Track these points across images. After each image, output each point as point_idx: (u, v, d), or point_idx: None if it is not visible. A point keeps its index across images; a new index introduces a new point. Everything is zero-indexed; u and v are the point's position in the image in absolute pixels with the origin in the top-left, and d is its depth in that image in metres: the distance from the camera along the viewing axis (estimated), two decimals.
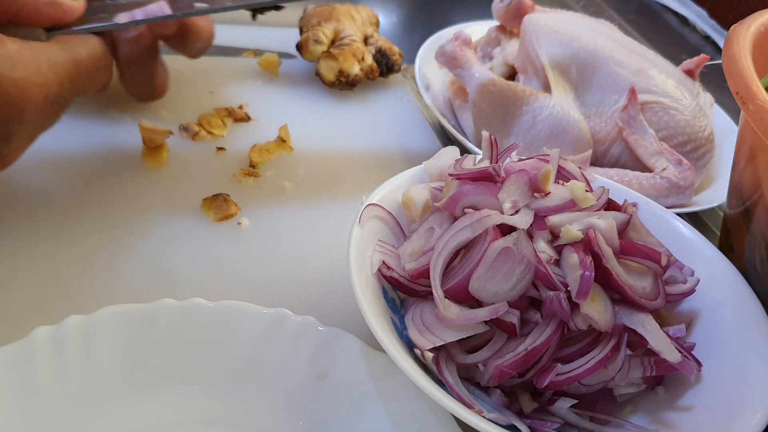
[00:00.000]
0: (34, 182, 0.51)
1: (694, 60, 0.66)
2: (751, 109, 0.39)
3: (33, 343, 0.36)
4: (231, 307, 0.40)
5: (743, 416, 0.37)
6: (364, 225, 0.41)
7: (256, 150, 0.57)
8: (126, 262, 0.46)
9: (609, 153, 0.61)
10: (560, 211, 0.39)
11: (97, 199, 0.50)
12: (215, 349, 0.40)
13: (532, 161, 0.43)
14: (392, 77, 0.72)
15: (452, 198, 0.40)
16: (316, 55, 0.66)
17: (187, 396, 0.39)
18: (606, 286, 0.38)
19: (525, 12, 0.67)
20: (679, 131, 0.60)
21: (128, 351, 0.38)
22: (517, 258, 0.37)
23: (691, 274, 0.44)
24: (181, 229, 0.50)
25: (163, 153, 0.55)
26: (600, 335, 0.39)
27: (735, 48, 0.44)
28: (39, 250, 0.46)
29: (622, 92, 0.60)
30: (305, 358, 0.40)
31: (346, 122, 0.65)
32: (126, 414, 0.37)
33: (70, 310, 0.39)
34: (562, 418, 0.39)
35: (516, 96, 0.60)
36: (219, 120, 0.60)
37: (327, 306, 0.46)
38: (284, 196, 0.55)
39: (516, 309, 0.38)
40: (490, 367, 0.37)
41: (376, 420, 0.38)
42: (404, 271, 0.40)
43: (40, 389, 0.36)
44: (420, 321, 0.39)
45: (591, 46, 0.62)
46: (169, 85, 0.56)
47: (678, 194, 0.58)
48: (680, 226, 0.48)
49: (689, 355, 0.40)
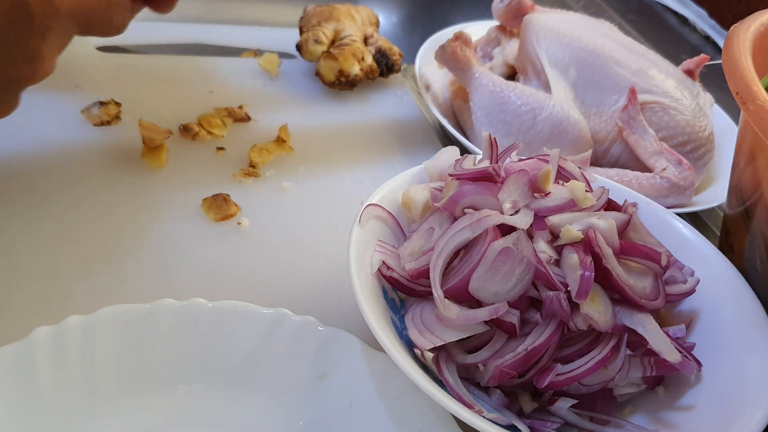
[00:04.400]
0: (34, 182, 0.51)
1: (694, 60, 0.66)
2: (751, 109, 0.39)
3: (33, 343, 0.36)
4: (231, 307, 0.40)
5: (743, 416, 0.37)
6: (364, 225, 0.41)
7: (256, 150, 0.57)
8: (126, 262, 0.46)
9: (609, 153, 0.61)
10: (560, 211, 0.39)
11: (97, 199, 0.50)
12: (215, 349, 0.40)
13: (532, 161, 0.43)
14: (392, 77, 0.72)
15: (452, 198, 0.40)
16: (316, 55, 0.66)
17: (187, 396, 0.39)
18: (606, 286, 0.38)
19: (525, 12, 0.68)
20: (679, 131, 0.60)
21: (128, 351, 0.38)
22: (517, 258, 0.37)
23: (691, 274, 0.44)
24: (181, 229, 0.50)
25: (163, 153, 0.55)
26: (600, 335, 0.39)
27: (735, 48, 0.44)
28: (39, 250, 0.46)
29: (622, 92, 0.60)
30: (305, 358, 0.40)
31: (346, 122, 0.65)
32: (126, 414, 0.37)
33: (70, 310, 0.39)
34: (562, 418, 0.39)
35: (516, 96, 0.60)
36: (219, 120, 0.60)
37: (327, 306, 0.46)
38: (284, 196, 0.55)
39: (516, 309, 0.38)
40: (490, 367, 0.37)
41: (376, 420, 0.38)
42: (404, 271, 0.40)
43: (40, 389, 0.36)
44: (420, 321, 0.39)
45: (591, 46, 0.62)
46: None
47: (678, 194, 0.58)
48: (680, 226, 0.48)
49: (689, 355, 0.40)
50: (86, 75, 0.63)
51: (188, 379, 0.39)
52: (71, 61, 0.64)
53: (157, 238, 0.49)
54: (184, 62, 0.68)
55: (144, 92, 0.63)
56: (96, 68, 0.64)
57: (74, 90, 0.61)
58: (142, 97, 0.62)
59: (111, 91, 0.61)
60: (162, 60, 0.68)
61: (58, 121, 0.57)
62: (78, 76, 0.63)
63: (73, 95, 0.60)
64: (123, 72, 0.65)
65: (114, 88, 0.62)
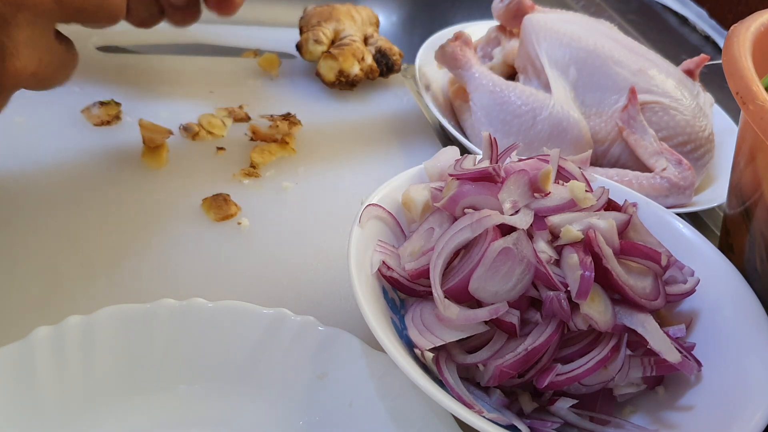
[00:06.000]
0: (35, 182, 0.51)
1: (694, 60, 0.66)
2: (751, 109, 0.39)
3: (33, 343, 0.36)
4: (231, 307, 0.40)
5: (743, 416, 0.37)
6: (364, 225, 0.41)
7: (257, 150, 0.57)
8: (126, 262, 0.46)
9: (609, 153, 0.61)
10: (560, 211, 0.39)
11: (97, 199, 0.50)
12: (215, 349, 0.40)
13: (532, 161, 0.43)
14: (392, 77, 0.72)
15: (452, 198, 0.40)
16: (316, 55, 0.66)
17: (187, 396, 0.39)
18: (606, 287, 0.38)
19: (525, 12, 0.68)
20: (679, 131, 0.60)
21: (128, 351, 0.38)
22: (517, 258, 0.37)
23: (691, 274, 0.44)
24: (181, 229, 0.50)
25: (163, 153, 0.55)
26: (600, 335, 0.39)
27: (735, 48, 0.44)
28: (39, 250, 0.46)
29: (622, 92, 0.60)
30: (305, 358, 0.40)
31: (346, 122, 0.65)
32: (126, 414, 0.37)
33: (70, 310, 0.39)
34: (562, 418, 0.39)
35: (516, 96, 0.60)
36: (219, 120, 0.60)
37: (327, 306, 0.46)
38: (284, 196, 0.55)
39: (516, 309, 0.38)
40: (490, 367, 0.37)
41: (376, 420, 0.38)
42: (404, 271, 0.40)
43: (40, 389, 0.36)
44: (420, 321, 0.39)
45: (591, 46, 0.62)
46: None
47: (678, 194, 0.58)
48: (680, 226, 0.48)
49: (689, 355, 0.40)
50: (86, 75, 0.63)
51: (188, 379, 0.39)
52: None
53: (157, 238, 0.49)
54: (184, 62, 0.68)
55: (144, 92, 0.63)
56: (96, 68, 0.64)
57: (74, 90, 0.61)
58: (142, 97, 0.62)
59: (111, 91, 0.61)
60: (162, 60, 0.68)
61: (58, 121, 0.57)
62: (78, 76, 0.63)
63: (73, 95, 0.60)
64: (123, 72, 0.65)
65: (114, 88, 0.62)
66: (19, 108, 0.58)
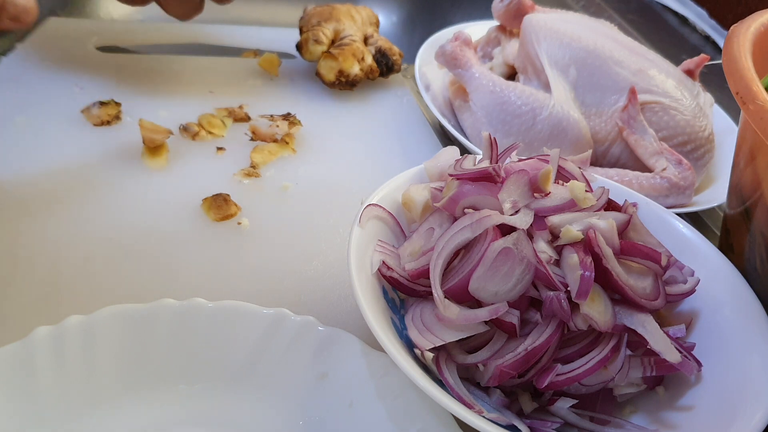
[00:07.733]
0: (35, 182, 0.51)
1: (694, 60, 0.66)
2: (751, 109, 0.39)
3: (33, 343, 0.36)
4: (231, 307, 0.40)
5: (743, 416, 0.37)
6: (364, 225, 0.41)
7: (257, 150, 0.57)
8: (126, 262, 0.46)
9: (609, 153, 0.61)
10: (560, 211, 0.39)
11: (97, 199, 0.50)
12: (215, 349, 0.40)
13: (532, 161, 0.43)
14: (392, 77, 0.72)
15: (452, 198, 0.40)
16: (316, 55, 0.66)
17: (187, 396, 0.39)
18: (606, 287, 0.38)
19: (525, 12, 0.68)
20: (679, 131, 0.60)
21: (128, 351, 0.38)
22: (517, 258, 0.37)
23: (691, 274, 0.44)
24: (181, 229, 0.50)
25: (163, 153, 0.55)
26: (600, 335, 0.39)
27: (735, 48, 0.44)
28: (39, 250, 0.46)
29: (622, 92, 0.60)
30: (305, 358, 0.40)
31: (346, 122, 0.65)
32: (126, 414, 0.37)
33: (70, 310, 0.39)
34: (562, 418, 0.39)
35: (516, 96, 0.60)
36: (219, 120, 0.60)
37: (327, 306, 0.46)
38: (284, 196, 0.55)
39: (516, 309, 0.38)
40: (490, 367, 0.37)
41: (376, 420, 0.38)
42: (404, 271, 0.40)
43: (40, 389, 0.36)
44: (420, 321, 0.39)
45: (591, 46, 0.62)
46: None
47: (678, 194, 0.58)
48: (680, 226, 0.48)
49: (689, 355, 0.40)
50: (86, 75, 0.63)
51: (188, 379, 0.39)
52: (71, 61, 0.65)
53: (157, 238, 0.49)
54: (184, 62, 0.68)
55: (144, 92, 0.63)
56: (96, 68, 0.64)
57: (74, 90, 0.61)
58: (142, 97, 0.62)
59: (111, 91, 0.61)
60: (162, 60, 0.68)
61: (58, 121, 0.57)
62: (78, 76, 0.63)
63: (73, 95, 0.60)
64: (123, 72, 0.65)
65: (114, 88, 0.62)
66: (19, 108, 0.58)
